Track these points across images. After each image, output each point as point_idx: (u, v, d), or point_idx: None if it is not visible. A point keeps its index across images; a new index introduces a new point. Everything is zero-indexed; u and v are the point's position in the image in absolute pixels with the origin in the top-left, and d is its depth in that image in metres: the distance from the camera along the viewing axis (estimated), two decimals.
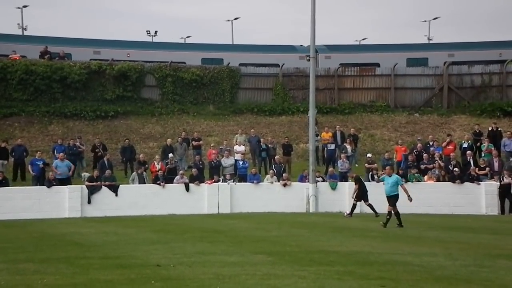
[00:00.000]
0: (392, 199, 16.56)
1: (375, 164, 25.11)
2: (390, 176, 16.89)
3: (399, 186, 16.74)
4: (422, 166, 24.91)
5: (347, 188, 23.45)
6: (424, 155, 25.32)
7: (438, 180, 24.35)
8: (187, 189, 23.20)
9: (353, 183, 21.81)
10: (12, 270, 9.13)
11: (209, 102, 32.36)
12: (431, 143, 26.40)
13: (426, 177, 24.52)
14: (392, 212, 16.52)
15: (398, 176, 17.54)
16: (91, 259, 10.12)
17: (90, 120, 30.12)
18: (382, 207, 22.71)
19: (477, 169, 24.34)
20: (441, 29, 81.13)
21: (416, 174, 24.24)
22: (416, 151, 25.72)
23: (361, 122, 31.69)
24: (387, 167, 18.10)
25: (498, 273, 8.73)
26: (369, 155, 26.13)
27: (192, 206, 22.69)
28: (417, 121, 31.90)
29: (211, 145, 26.76)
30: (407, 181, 24.03)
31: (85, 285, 7.67)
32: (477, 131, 27.40)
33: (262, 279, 7.95)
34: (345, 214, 20.76)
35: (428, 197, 23.51)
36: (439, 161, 24.88)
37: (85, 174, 23.72)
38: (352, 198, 21.11)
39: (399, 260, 9.99)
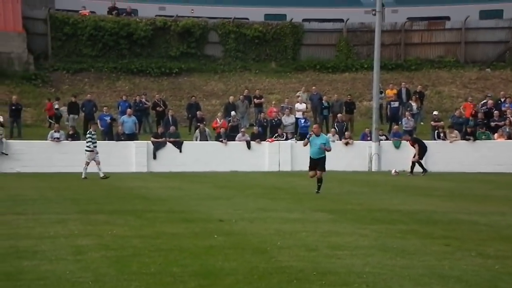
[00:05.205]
0: (321, 162, 14.22)
1: (442, 122, 24.38)
2: (318, 135, 14.25)
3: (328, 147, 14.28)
4: (492, 124, 23.97)
5: (411, 146, 22.90)
6: (495, 112, 24.32)
7: (509, 138, 23.40)
8: (249, 146, 23.36)
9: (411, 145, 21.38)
10: (84, 220, 9.56)
11: (271, 59, 32.10)
12: (502, 100, 25.27)
13: (496, 135, 23.62)
14: (317, 177, 14.13)
15: (327, 137, 15.18)
16: (157, 213, 10.42)
17: (155, 76, 30.63)
18: (441, 165, 22.13)
19: None
20: None
21: (485, 132, 23.39)
22: (486, 108, 24.72)
23: (428, 79, 30.65)
24: (315, 125, 15.40)
25: None
26: (435, 112, 25.34)
27: (253, 164, 22.87)
28: (488, 77, 30.52)
29: (273, 103, 26.67)
30: (475, 139, 23.27)
31: (152, 237, 7.92)
32: None
33: (322, 236, 7.95)
34: (393, 172, 20.42)
35: (498, 155, 22.70)
36: (510, 118, 23.84)
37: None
38: (413, 159, 20.69)
39: (464, 219, 9.74)
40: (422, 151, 20.92)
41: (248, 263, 6.29)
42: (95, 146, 19.05)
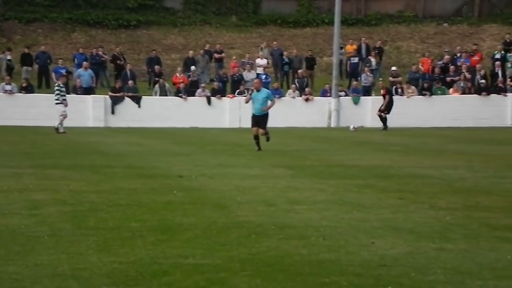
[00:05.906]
0: (263, 119, 13.24)
1: (400, 78, 24.69)
2: (258, 91, 13.36)
3: (270, 102, 13.34)
4: (448, 79, 24.43)
5: (370, 102, 23.24)
6: (451, 67, 24.75)
7: (463, 92, 23.94)
8: (209, 102, 23.21)
9: (380, 96, 21.68)
10: (40, 175, 9.40)
11: (232, 13, 31.59)
12: (458, 55, 25.70)
13: (451, 90, 24.12)
14: (260, 134, 13.37)
15: (269, 91, 14.35)
16: (115, 168, 10.34)
17: (113, 29, 29.80)
18: (399, 120, 22.49)
19: (509, 79, 23.81)
20: None
21: (441, 87, 23.87)
22: (442, 63, 25.12)
23: (387, 34, 30.82)
24: (256, 80, 14.56)
25: None
26: (393, 68, 25.63)
27: (214, 120, 22.81)
28: (445, 32, 30.89)
29: (233, 58, 26.43)
30: (431, 94, 23.71)
31: (109, 192, 7.86)
32: (508, 41, 26.44)
33: (281, 192, 8.05)
34: (351, 128, 20.74)
35: (453, 110, 23.27)
36: (465, 73, 24.33)
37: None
38: (379, 111, 21.04)
39: (419, 173, 10.02)
40: (390, 105, 21.23)
41: (207, 218, 6.33)
42: (64, 99, 18.49)
